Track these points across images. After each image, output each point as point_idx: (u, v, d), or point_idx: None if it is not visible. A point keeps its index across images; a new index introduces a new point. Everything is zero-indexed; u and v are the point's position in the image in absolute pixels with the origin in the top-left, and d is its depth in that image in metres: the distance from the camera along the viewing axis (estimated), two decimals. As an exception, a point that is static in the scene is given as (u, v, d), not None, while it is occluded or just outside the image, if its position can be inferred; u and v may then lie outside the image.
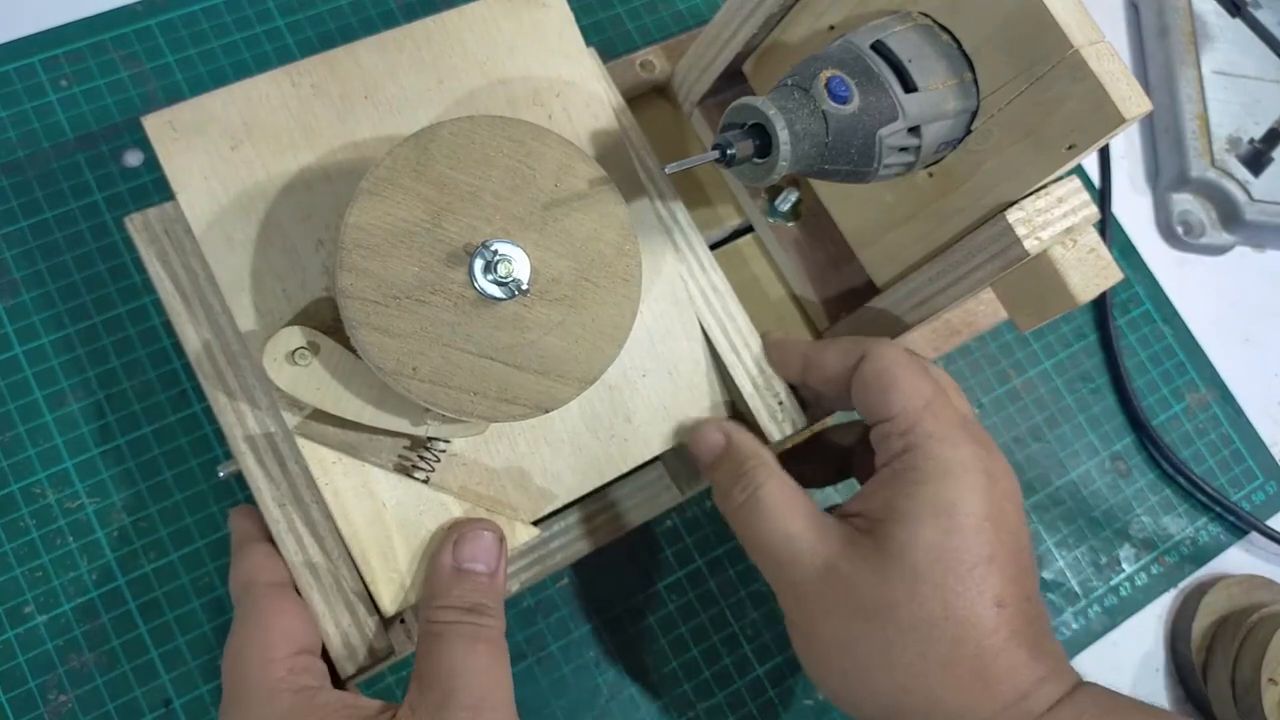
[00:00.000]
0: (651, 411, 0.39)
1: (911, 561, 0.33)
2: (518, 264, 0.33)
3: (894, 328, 0.42)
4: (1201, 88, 0.60)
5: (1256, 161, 0.59)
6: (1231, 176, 0.59)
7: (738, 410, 0.41)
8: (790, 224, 0.46)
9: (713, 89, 0.45)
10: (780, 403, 0.40)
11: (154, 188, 0.46)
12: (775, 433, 0.40)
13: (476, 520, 0.36)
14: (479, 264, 0.32)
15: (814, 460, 0.43)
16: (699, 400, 0.40)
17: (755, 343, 0.41)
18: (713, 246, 0.44)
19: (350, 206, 0.32)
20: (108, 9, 0.48)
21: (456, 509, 0.36)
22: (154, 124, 0.35)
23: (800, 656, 0.36)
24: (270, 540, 0.36)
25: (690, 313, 0.40)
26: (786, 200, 0.45)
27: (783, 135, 0.30)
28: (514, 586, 0.40)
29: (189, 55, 0.48)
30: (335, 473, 0.35)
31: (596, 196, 0.34)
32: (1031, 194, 0.35)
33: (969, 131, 0.35)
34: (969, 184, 0.36)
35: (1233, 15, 0.52)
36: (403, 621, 0.37)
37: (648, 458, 0.39)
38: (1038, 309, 0.36)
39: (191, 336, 0.36)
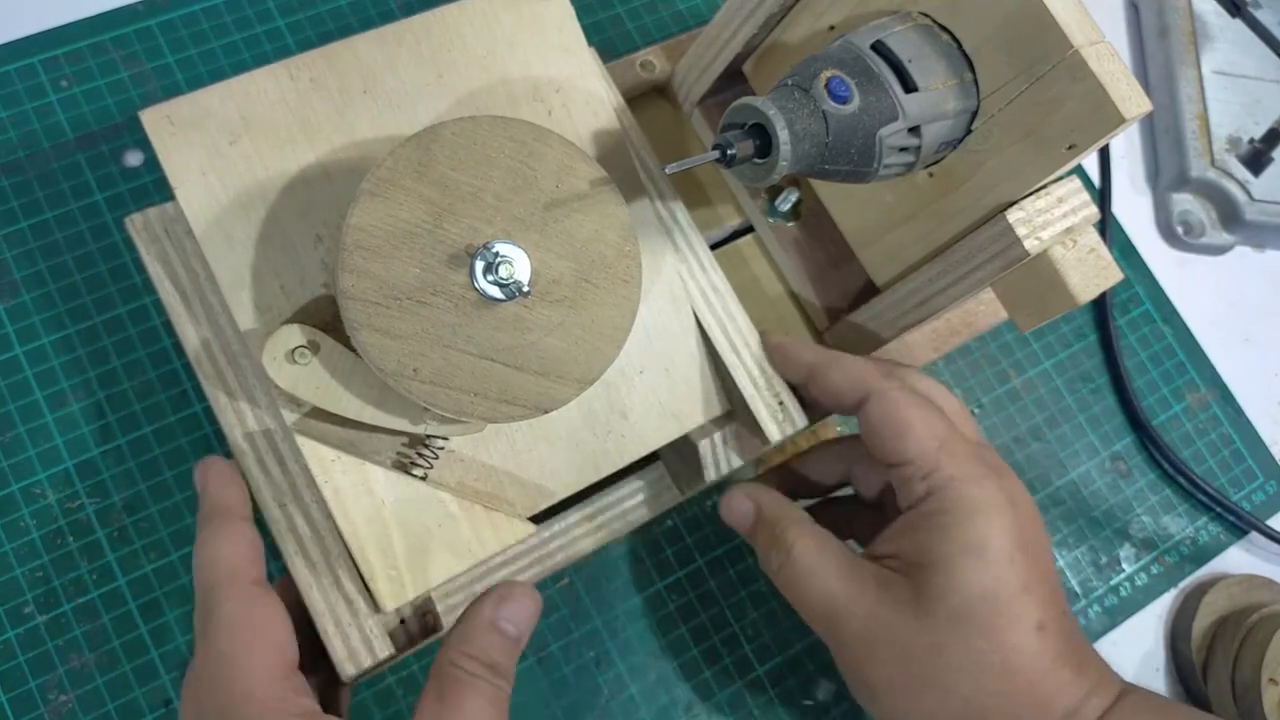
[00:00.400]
0: (648, 408, 0.39)
1: (951, 604, 0.34)
2: (519, 265, 0.33)
3: (894, 328, 0.42)
4: (1201, 88, 0.60)
5: (1256, 161, 0.59)
6: (1231, 176, 0.59)
7: (737, 410, 0.41)
8: (790, 224, 0.46)
9: (713, 89, 0.45)
10: (781, 403, 0.40)
11: (154, 188, 0.46)
12: (775, 433, 0.40)
13: (523, 585, 0.36)
14: (480, 265, 0.32)
15: (810, 472, 0.43)
16: (694, 397, 0.40)
17: (755, 343, 0.41)
18: (713, 246, 0.44)
19: (352, 207, 0.32)
20: (108, 9, 0.48)
21: (454, 506, 0.36)
22: (152, 118, 0.35)
23: (860, 701, 0.37)
24: (246, 516, 0.35)
25: (688, 310, 0.40)
26: (786, 200, 0.45)
27: (783, 135, 0.30)
28: (514, 586, 0.40)
29: (189, 55, 0.48)
30: (334, 471, 0.35)
31: (597, 197, 0.34)
32: (1031, 194, 0.35)
33: (969, 131, 0.35)
34: (969, 184, 0.36)
35: (1233, 15, 0.52)
36: (403, 621, 0.37)
37: (644, 453, 0.39)
38: (1038, 309, 0.36)
39: (191, 336, 0.36)
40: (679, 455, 0.43)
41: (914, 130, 0.33)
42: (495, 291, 0.32)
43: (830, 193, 0.42)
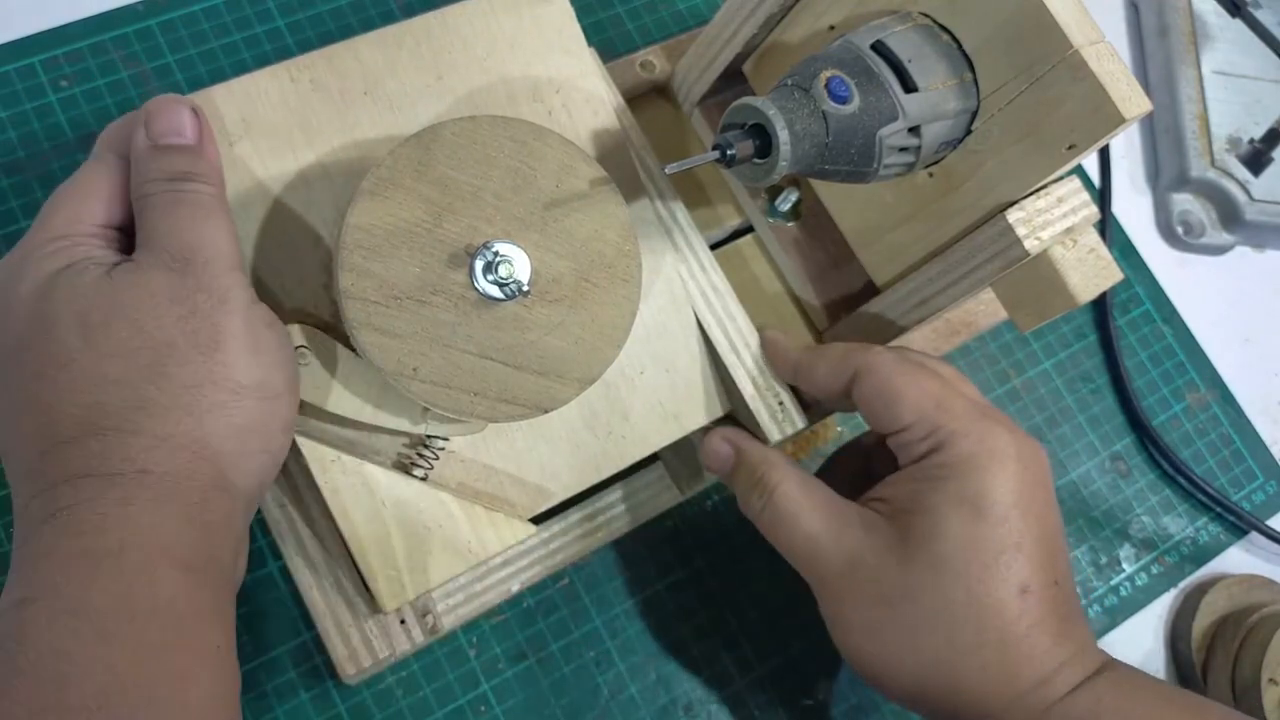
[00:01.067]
0: (649, 409, 0.39)
1: (935, 551, 0.34)
2: (518, 265, 0.33)
3: (894, 328, 0.42)
4: (1201, 88, 0.60)
5: (1256, 161, 0.59)
6: (1231, 176, 0.59)
7: (737, 410, 0.41)
8: (790, 224, 0.46)
9: (713, 89, 0.45)
10: (780, 403, 0.40)
11: (154, 188, 0.46)
12: (775, 433, 0.40)
13: (168, 97, 0.33)
14: (480, 265, 0.32)
15: (834, 475, 0.43)
16: (695, 398, 0.40)
17: (755, 343, 0.41)
18: (713, 246, 0.44)
19: (352, 207, 0.32)
20: (108, 9, 0.48)
21: (455, 507, 0.36)
22: None
23: (835, 641, 0.37)
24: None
25: (688, 311, 0.40)
26: (786, 200, 0.45)
27: (783, 135, 0.30)
28: (514, 586, 0.40)
29: (189, 55, 0.48)
30: (334, 471, 0.35)
31: (597, 197, 0.34)
32: (1032, 194, 0.35)
33: (969, 131, 0.35)
34: (969, 184, 0.36)
35: (1233, 15, 0.52)
36: (403, 622, 0.37)
37: (644, 455, 0.39)
38: (1038, 309, 0.36)
39: None
40: (679, 455, 0.43)
41: (914, 130, 0.33)
42: (495, 291, 0.32)
43: (830, 193, 0.42)
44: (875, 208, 0.40)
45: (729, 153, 0.31)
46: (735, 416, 0.41)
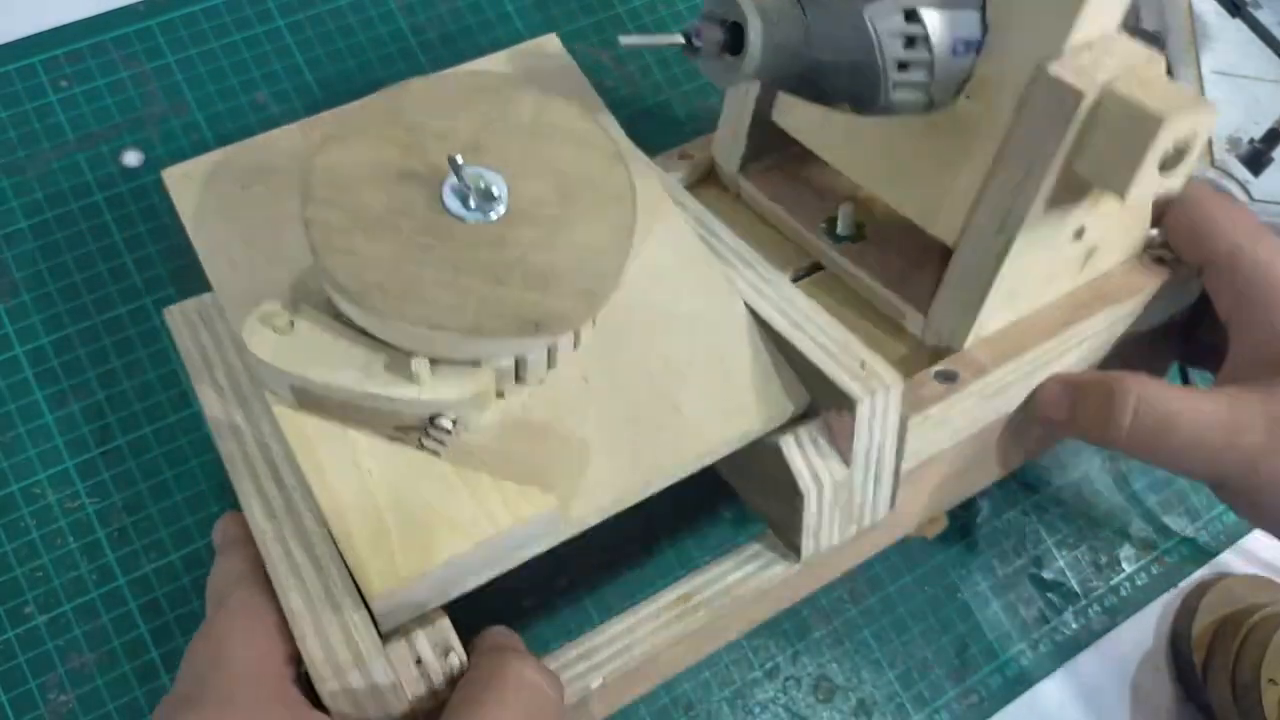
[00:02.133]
0: (703, 403, 0.35)
1: None
2: (494, 186, 0.32)
3: (987, 272, 0.37)
4: (1201, 88, 0.60)
5: (1256, 161, 0.59)
6: (1231, 176, 0.58)
7: (812, 388, 0.37)
8: (856, 244, 0.42)
9: (752, 153, 0.43)
10: (862, 364, 0.36)
11: (154, 188, 0.46)
12: (860, 391, 0.35)
13: None
14: (451, 186, 0.32)
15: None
16: (756, 394, 0.36)
17: (821, 318, 0.37)
18: None
19: (317, 152, 0.31)
20: (108, 9, 0.48)
21: (455, 478, 0.33)
22: (173, 176, 0.36)
23: (1239, 503, 0.37)
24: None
25: (739, 305, 0.37)
26: (845, 220, 0.42)
27: (754, 23, 0.28)
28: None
29: (189, 55, 0.48)
30: (319, 445, 0.32)
31: (578, 128, 0.34)
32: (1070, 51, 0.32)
33: (986, 29, 0.33)
34: (1005, 93, 0.33)
35: (1233, 15, 0.52)
36: (419, 662, 0.32)
37: (704, 455, 0.35)
38: (1128, 159, 0.32)
39: (213, 400, 0.35)
40: (763, 485, 0.38)
41: (912, 17, 0.31)
42: (469, 213, 0.32)
43: (886, 182, 0.39)
44: (933, 167, 0.37)
45: (695, 42, 0.29)
46: (813, 400, 0.37)
